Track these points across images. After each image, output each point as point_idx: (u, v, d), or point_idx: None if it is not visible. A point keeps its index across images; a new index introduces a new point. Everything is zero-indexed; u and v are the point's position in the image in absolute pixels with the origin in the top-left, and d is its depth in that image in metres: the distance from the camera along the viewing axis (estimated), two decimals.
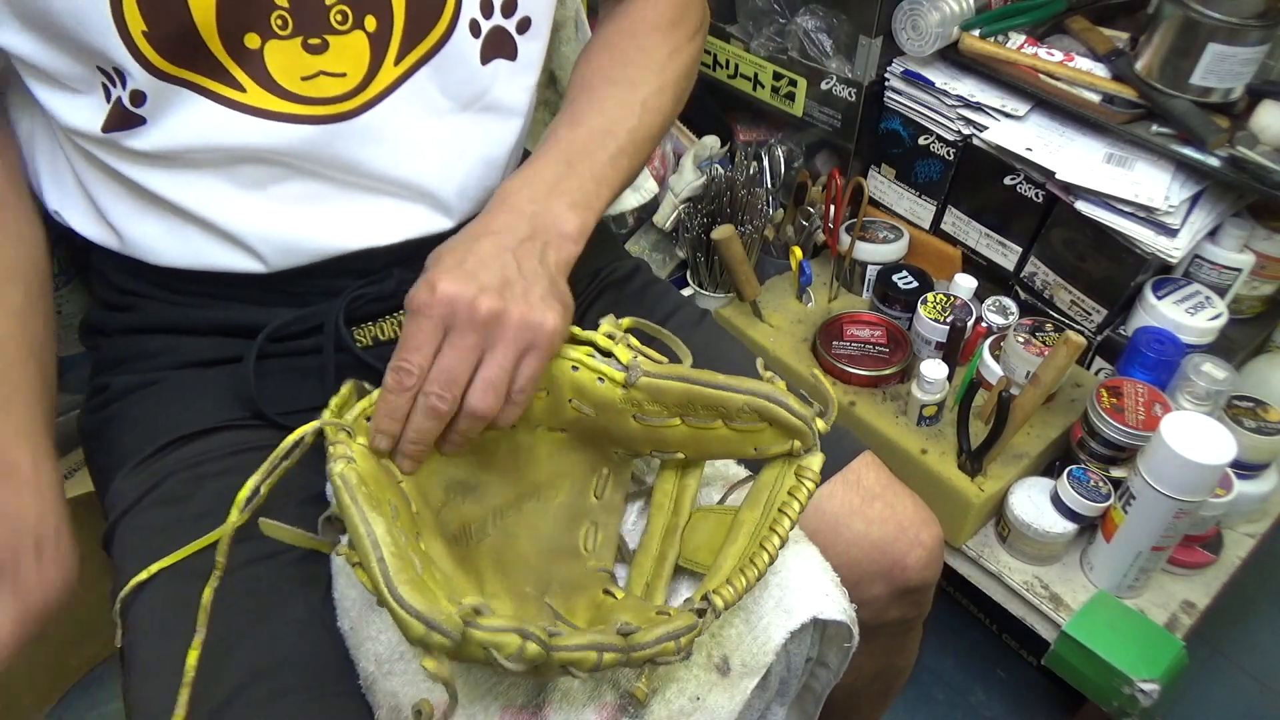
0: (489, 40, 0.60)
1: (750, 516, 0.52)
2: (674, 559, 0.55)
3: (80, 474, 1.02)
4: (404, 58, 0.57)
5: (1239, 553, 0.93)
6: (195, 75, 0.53)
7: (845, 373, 1.01)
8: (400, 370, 0.47)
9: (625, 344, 0.54)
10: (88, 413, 0.66)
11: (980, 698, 1.15)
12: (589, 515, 0.58)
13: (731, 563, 0.50)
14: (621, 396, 0.53)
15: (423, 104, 0.59)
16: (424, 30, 0.57)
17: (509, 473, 0.56)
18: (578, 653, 0.41)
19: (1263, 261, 0.96)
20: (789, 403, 0.51)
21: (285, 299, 0.63)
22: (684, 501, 0.57)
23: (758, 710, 0.59)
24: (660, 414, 0.53)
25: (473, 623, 0.39)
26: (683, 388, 0.52)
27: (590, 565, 0.56)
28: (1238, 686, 1.15)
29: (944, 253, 1.12)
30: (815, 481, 0.51)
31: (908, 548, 0.66)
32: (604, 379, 0.53)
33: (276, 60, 0.53)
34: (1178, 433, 0.77)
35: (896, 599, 0.68)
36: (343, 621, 0.54)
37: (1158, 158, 0.93)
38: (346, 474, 0.43)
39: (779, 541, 0.49)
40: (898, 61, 1.05)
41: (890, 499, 0.67)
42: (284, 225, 0.59)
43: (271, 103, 0.54)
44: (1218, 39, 0.86)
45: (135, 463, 0.60)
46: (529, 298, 0.49)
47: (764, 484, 0.54)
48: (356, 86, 0.56)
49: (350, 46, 0.55)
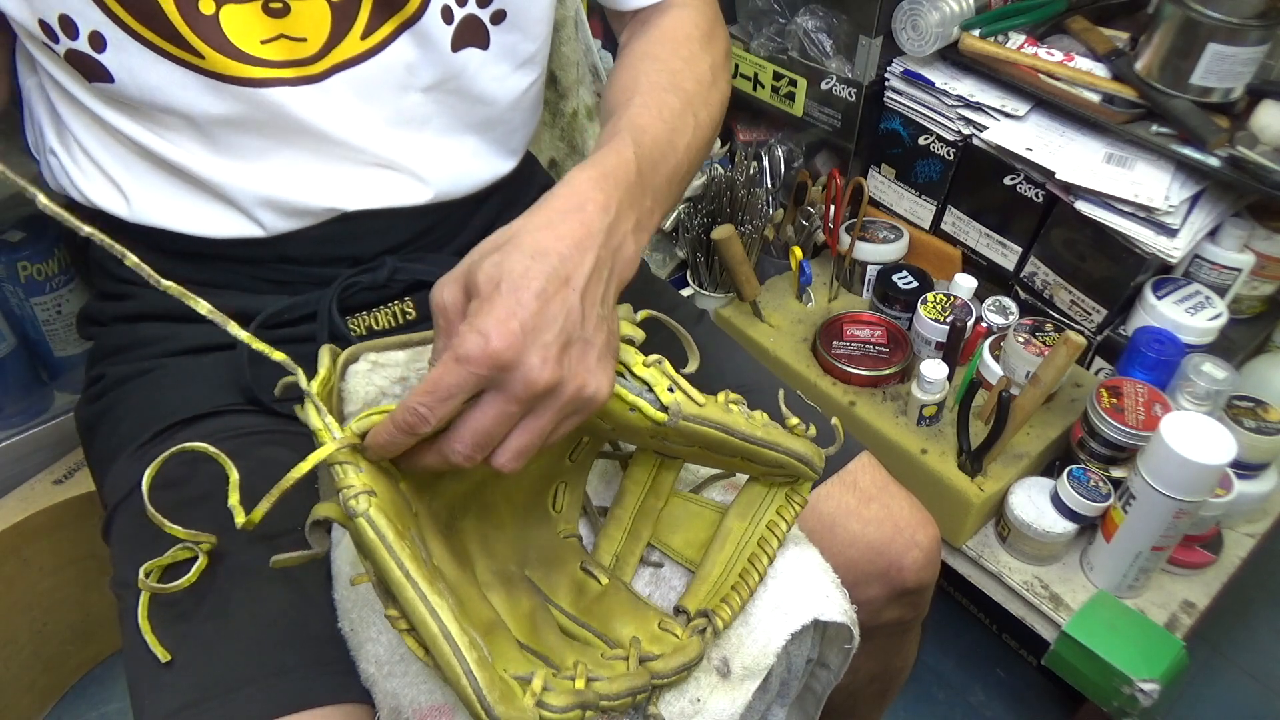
0: (461, 27, 0.59)
1: (738, 527, 0.52)
2: (646, 538, 0.56)
3: (80, 473, 1.03)
4: (371, 33, 0.57)
5: (1239, 553, 0.93)
6: (154, 36, 0.52)
7: (845, 373, 1.01)
8: (417, 415, 0.41)
9: (660, 369, 0.48)
10: (85, 403, 0.66)
11: (980, 698, 1.16)
12: (561, 475, 0.58)
13: (718, 570, 0.50)
14: (650, 429, 0.48)
15: (387, 79, 0.59)
16: (392, 8, 0.57)
17: None
18: (619, 700, 0.44)
19: (1263, 261, 0.96)
20: (815, 462, 0.51)
21: (278, 288, 0.63)
22: (664, 484, 0.57)
23: (759, 712, 0.59)
24: (682, 444, 0.51)
25: (544, 707, 0.40)
26: (719, 436, 0.48)
27: (560, 530, 0.56)
28: (1238, 686, 1.15)
29: (944, 253, 1.12)
30: (804, 504, 0.52)
31: (904, 549, 0.66)
32: (636, 409, 0.47)
33: (234, 24, 0.53)
34: (1178, 433, 0.77)
35: (893, 600, 0.67)
36: (343, 623, 0.54)
37: (1158, 158, 0.93)
38: (376, 519, 0.39)
39: (767, 562, 0.50)
40: (898, 61, 1.05)
41: (887, 500, 0.67)
42: (270, 186, 0.59)
43: (230, 67, 0.54)
44: (1218, 39, 0.86)
45: (132, 449, 0.60)
46: (586, 361, 0.43)
47: (753, 496, 0.54)
48: (317, 53, 0.56)
49: (310, 12, 0.54)
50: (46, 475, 1.02)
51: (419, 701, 0.49)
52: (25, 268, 0.92)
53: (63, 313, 0.97)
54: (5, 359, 0.96)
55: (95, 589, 1.08)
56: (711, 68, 0.62)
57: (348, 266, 0.62)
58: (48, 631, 1.06)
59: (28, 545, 0.99)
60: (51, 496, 1.00)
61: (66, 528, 1.01)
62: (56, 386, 1.03)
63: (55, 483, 1.01)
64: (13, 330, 0.96)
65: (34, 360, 1.00)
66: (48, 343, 0.98)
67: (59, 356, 1.00)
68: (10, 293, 0.93)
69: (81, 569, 1.05)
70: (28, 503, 0.98)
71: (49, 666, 1.09)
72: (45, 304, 0.95)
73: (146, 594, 0.52)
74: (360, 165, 0.61)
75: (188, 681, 0.50)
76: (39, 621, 1.04)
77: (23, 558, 0.99)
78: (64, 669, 1.12)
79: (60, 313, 0.97)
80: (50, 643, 1.07)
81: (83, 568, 1.05)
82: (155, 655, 0.51)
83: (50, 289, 0.94)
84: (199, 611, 0.53)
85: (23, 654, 1.04)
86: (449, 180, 0.65)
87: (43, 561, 1.01)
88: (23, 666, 1.05)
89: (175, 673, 0.51)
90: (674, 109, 0.55)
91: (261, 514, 0.44)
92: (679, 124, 0.55)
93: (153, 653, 0.51)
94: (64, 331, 0.98)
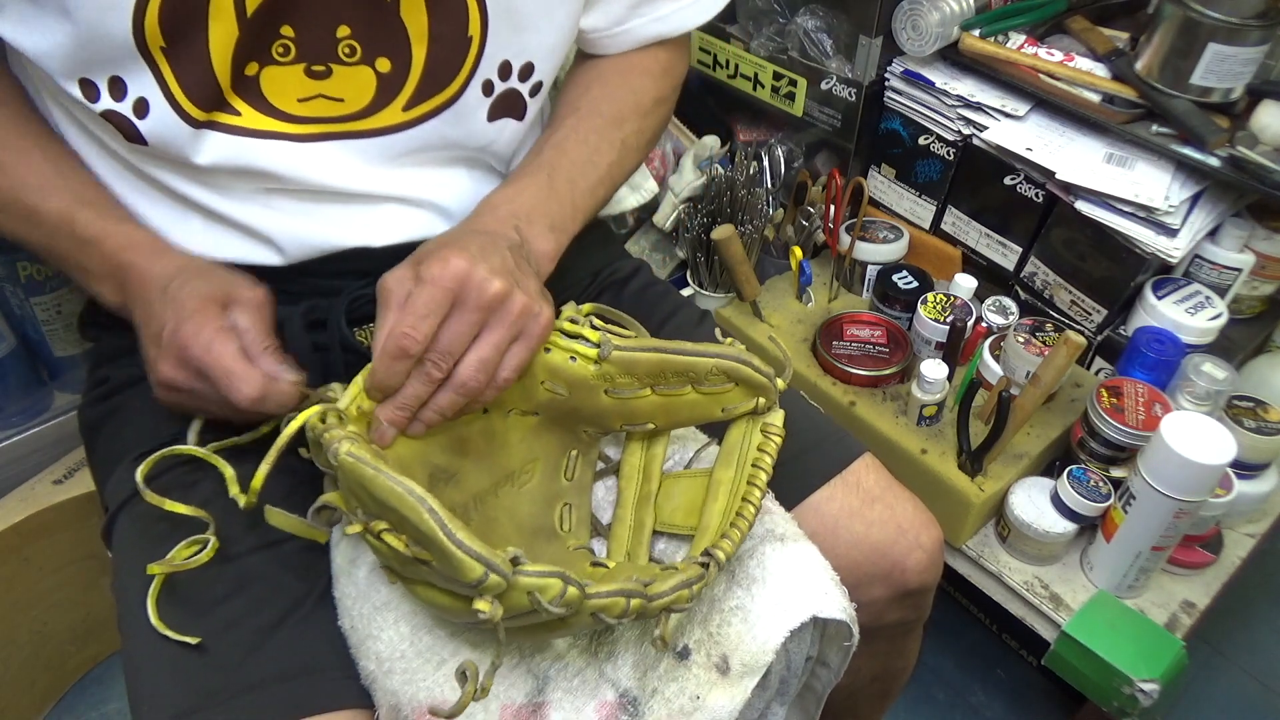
0: (500, 100, 0.62)
1: (726, 475, 0.55)
2: (651, 525, 0.57)
3: (81, 473, 1.03)
4: (414, 106, 0.58)
5: (1239, 553, 0.93)
6: (199, 113, 0.54)
7: (845, 373, 1.01)
8: (407, 337, 0.48)
9: (589, 325, 0.56)
10: (88, 405, 0.66)
11: (980, 698, 1.16)
12: (562, 496, 0.59)
13: (718, 520, 0.53)
14: (594, 373, 0.55)
15: (421, 149, 0.61)
16: (440, 85, 0.58)
17: (484, 458, 0.58)
18: (608, 599, 0.43)
19: (1263, 261, 0.96)
20: (754, 361, 0.55)
21: (285, 298, 0.63)
22: (653, 470, 0.60)
23: (758, 710, 0.59)
24: (632, 385, 0.56)
25: (519, 568, 0.41)
26: (655, 357, 0.55)
27: (570, 544, 0.57)
28: (1238, 686, 1.15)
29: (944, 253, 1.12)
30: (781, 436, 0.55)
31: (908, 550, 0.66)
32: (576, 357, 0.55)
33: (272, 85, 0.54)
34: (1178, 433, 0.77)
35: (896, 601, 0.67)
36: (343, 620, 0.54)
37: (1158, 158, 0.93)
38: (357, 451, 0.44)
39: (759, 494, 0.52)
40: (898, 61, 1.05)
41: (890, 501, 0.67)
42: (295, 226, 0.60)
43: (264, 123, 0.55)
44: (1218, 39, 0.86)
45: (136, 454, 0.60)
46: (527, 285, 0.52)
47: (733, 443, 0.57)
48: (353, 114, 0.57)
49: (355, 79, 0.56)
50: (46, 475, 1.02)
51: (418, 699, 0.49)
52: (25, 268, 0.92)
53: (63, 313, 0.97)
54: (5, 359, 0.96)
55: (95, 589, 1.08)
56: (655, 100, 0.70)
57: (355, 279, 0.63)
58: (48, 631, 1.06)
59: (28, 545, 0.99)
60: (51, 496, 1.00)
61: (66, 528, 1.01)
62: (56, 386, 1.03)
63: (55, 483, 1.01)
64: (13, 330, 0.96)
65: (34, 360, 1.00)
66: (48, 343, 0.98)
67: (59, 356, 1.00)
68: (10, 293, 0.93)
69: (81, 569, 1.05)
70: (28, 503, 0.98)
71: (49, 666, 1.09)
72: (45, 304, 0.95)
73: (158, 582, 0.53)
74: (385, 204, 0.62)
75: (187, 687, 0.50)
76: (39, 621, 1.04)
77: (23, 558, 0.99)
78: (64, 669, 1.12)
79: (60, 313, 0.97)
80: (50, 643, 1.07)
81: (83, 568, 1.05)
82: (158, 656, 0.51)
83: (50, 289, 0.94)
84: (199, 616, 0.53)
85: (23, 654, 1.04)
86: (468, 209, 0.65)
87: (43, 561, 1.01)
88: (23, 666, 1.05)
89: (174, 677, 0.51)
90: (600, 132, 0.66)
91: (260, 480, 0.48)
92: (603, 146, 0.65)
93: (154, 655, 0.52)
94: (64, 331, 0.98)
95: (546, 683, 0.50)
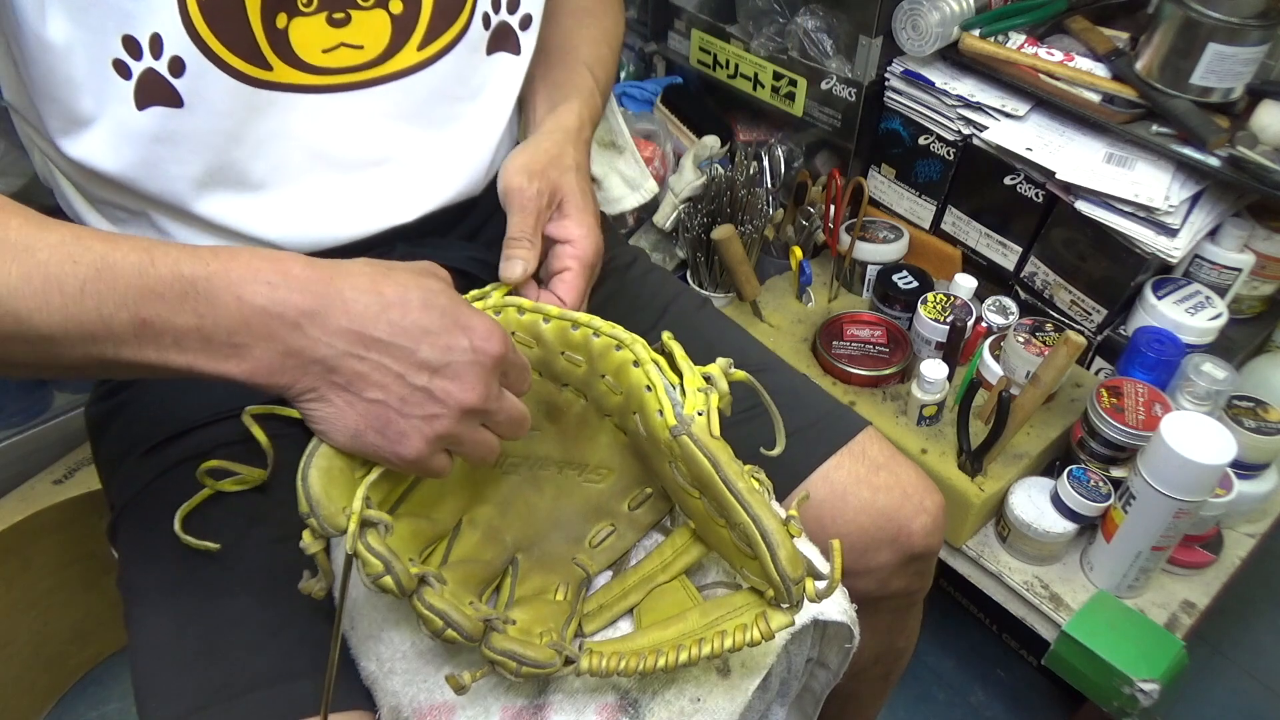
0: (496, 33, 0.63)
1: (694, 620, 0.50)
2: (630, 603, 0.54)
3: (81, 473, 1.03)
4: (428, 44, 0.59)
5: (1239, 553, 0.93)
6: (233, 58, 0.53)
7: (845, 373, 1.01)
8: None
9: (704, 396, 0.50)
10: (95, 401, 0.66)
11: (980, 698, 1.16)
12: (614, 518, 0.58)
13: (644, 642, 0.49)
14: (665, 440, 0.50)
15: (435, 94, 0.62)
16: (449, 20, 0.59)
17: (568, 437, 0.58)
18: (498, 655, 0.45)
19: (1263, 261, 0.96)
20: (779, 555, 0.46)
21: None
22: (676, 564, 0.56)
23: (758, 711, 0.59)
24: (686, 477, 0.51)
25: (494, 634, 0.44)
26: (708, 471, 0.48)
27: (580, 558, 0.56)
28: (1238, 686, 1.15)
29: (944, 253, 1.12)
30: (767, 636, 0.47)
31: (913, 514, 0.67)
32: (661, 413, 0.50)
33: (300, 36, 0.55)
34: (1178, 433, 0.77)
35: (902, 566, 0.69)
36: (345, 621, 0.54)
37: (1158, 158, 0.93)
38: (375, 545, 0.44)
39: (694, 656, 0.46)
40: (898, 61, 1.05)
41: (895, 468, 0.69)
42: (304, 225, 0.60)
43: (294, 76, 0.56)
44: (1218, 39, 0.86)
45: (142, 451, 0.60)
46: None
47: (728, 604, 0.50)
48: (371, 60, 0.58)
49: (371, 22, 0.57)
50: (46, 475, 1.02)
51: (419, 700, 0.50)
52: None
53: None
54: None
55: (95, 589, 1.08)
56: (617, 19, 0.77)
57: (360, 251, 0.63)
58: (48, 631, 1.06)
59: (28, 545, 0.99)
60: (52, 496, 1.00)
61: (67, 528, 1.01)
62: (56, 386, 1.03)
63: (55, 483, 1.01)
64: None
65: None
66: None
67: None
68: None
69: (82, 569, 1.05)
70: (28, 503, 0.99)
71: (49, 666, 1.09)
72: None
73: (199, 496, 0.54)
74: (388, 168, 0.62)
75: (194, 684, 0.50)
76: (39, 621, 1.04)
77: (23, 558, 0.99)
78: (64, 669, 1.12)
79: None
80: (50, 643, 1.07)
81: (83, 568, 1.05)
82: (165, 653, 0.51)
83: None
84: (208, 613, 0.53)
85: (23, 654, 1.04)
86: (471, 176, 0.66)
87: (43, 561, 1.01)
88: (23, 666, 1.05)
89: (180, 674, 0.51)
90: (605, 60, 0.72)
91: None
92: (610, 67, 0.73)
93: (160, 652, 0.52)
94: None
95: (548, 685, 0.50)
